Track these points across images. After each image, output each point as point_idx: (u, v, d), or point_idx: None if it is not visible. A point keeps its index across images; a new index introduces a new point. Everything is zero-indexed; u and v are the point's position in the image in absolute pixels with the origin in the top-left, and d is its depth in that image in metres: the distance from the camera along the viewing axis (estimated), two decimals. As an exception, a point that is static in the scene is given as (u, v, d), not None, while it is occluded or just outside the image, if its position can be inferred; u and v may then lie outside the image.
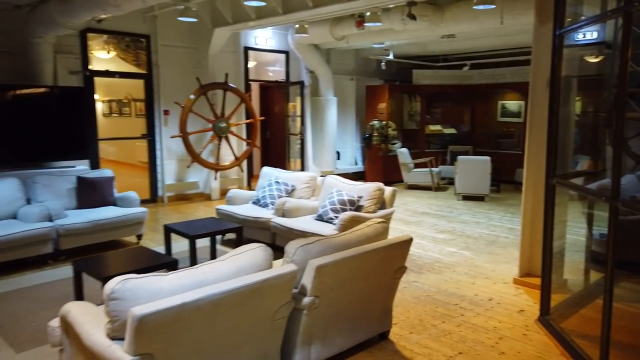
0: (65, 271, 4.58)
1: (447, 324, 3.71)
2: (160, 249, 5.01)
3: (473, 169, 8.61)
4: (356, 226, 3.35)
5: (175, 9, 6.61)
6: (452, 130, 11.40)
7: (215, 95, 8.26)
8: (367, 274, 3.11)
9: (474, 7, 5.74)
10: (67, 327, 2.47)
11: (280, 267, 2.63)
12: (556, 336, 3.46)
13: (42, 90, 6.69)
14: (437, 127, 11.43)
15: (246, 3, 6.05)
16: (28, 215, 5.02)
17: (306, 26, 8.17)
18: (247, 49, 9.23)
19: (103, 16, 5.60)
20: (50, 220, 5.05)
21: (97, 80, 7.68)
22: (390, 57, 10.27)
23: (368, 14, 7.02)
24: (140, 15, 7.76)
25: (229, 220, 5.61)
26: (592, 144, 5.50)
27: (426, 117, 11.35)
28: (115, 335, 2.20)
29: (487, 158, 8.58)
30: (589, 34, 6.68)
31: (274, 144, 10.65)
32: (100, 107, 14.43)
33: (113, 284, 2.17)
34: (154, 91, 8.20)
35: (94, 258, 3.81)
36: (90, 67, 7.54)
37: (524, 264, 4.53)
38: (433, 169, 9.54)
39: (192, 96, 7.71)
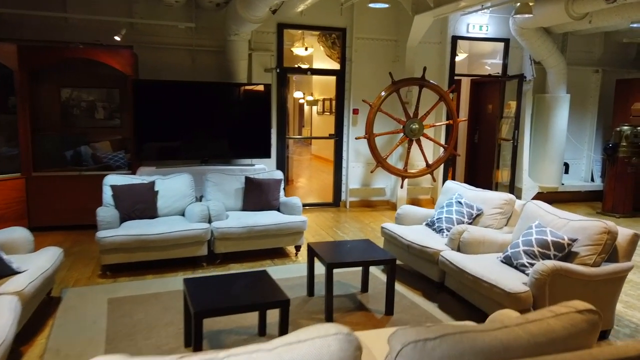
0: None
1: None
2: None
3: None
4: (533, 313, 1.95)
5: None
6: None
7: (410, 93, 7.26)
8: (544, 406, 1.71)
9: None
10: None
11: (359, 381, 1.52)
12: None
13: (232, 87, 6.79)
14: None
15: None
16: (191, 214, 4.93)
17: (531, 4, 6.48)
18: (455, 38, 7.91)
19: (275, 4, 5.18)
20: (209, 221, 4.87)
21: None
22: (657, 39, 7.54)
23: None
24: (336, 7, 7.28)
25: (392, 243, 4.58)
26: None
27: None
28: None
29: None
30: None
31: (484, 151, 9.03)
32: (314, 106, 15.04)
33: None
34: (345, 88, 7.64)
35: (205, 279, 3.28)
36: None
37: None
38: None
39: (382, 93, 6.87)
